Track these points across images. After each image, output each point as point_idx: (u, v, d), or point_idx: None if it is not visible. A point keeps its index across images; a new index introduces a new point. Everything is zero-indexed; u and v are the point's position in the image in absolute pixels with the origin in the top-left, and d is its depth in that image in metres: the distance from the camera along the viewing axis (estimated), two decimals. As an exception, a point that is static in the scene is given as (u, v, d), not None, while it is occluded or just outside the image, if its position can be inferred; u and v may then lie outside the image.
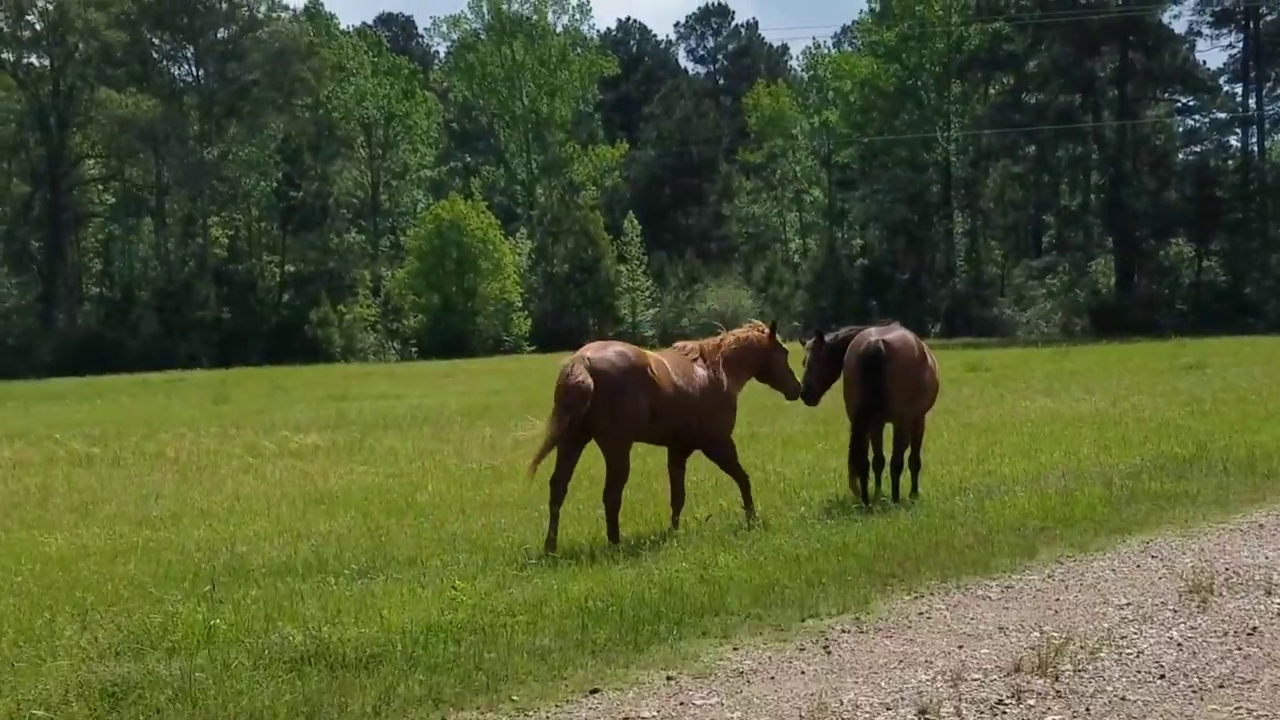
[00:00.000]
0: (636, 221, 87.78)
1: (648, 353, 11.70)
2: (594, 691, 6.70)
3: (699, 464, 15.12)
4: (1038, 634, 7.62)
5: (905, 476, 13.17)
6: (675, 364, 11.69)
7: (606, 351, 11.10)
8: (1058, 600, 8.56)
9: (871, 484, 13.16)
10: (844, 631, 7.86)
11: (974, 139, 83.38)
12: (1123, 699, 6.27)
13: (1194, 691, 6.31)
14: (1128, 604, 8.33)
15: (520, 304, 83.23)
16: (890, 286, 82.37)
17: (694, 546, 10.33)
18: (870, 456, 13.11)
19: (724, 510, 12.26)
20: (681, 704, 6.50)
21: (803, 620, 8.16)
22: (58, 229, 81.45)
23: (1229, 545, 10.30)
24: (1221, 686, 6.40)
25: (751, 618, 8.20)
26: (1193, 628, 7.64)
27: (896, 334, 13.05)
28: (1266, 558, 9.72)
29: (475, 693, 6.67)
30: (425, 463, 18.07)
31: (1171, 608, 8.18)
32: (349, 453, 19.99)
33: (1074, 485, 13.11)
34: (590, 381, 10.70)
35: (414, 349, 79.99)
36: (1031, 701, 6.23)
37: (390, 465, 18.02)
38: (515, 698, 6.63)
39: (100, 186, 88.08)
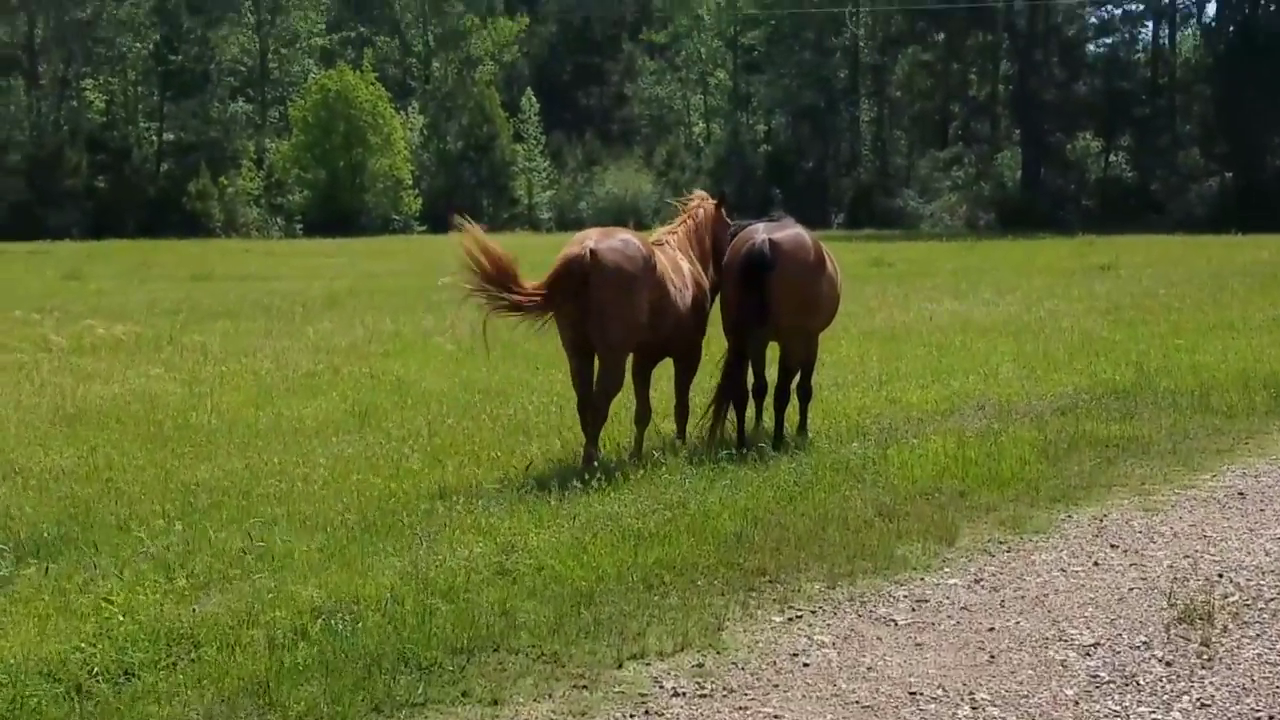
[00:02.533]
0: (534, 99, 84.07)
1: (651, 244, 9.92)
2: None
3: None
4: (968, 710, 5.05)
5: (792, 409, 10.61)
6: (667, 258, 10.00)
7: (613, 239, 9.49)
8: (991, 632, 5.95)
9: (750, 419, 10.62)
10: (675, 695, 5.20)
11: (883, 23, 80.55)
12: None
13: None
14: (1095, 644, 5.72)
15: (411, 182, 79.35)
16: (794, 174, 79.84)
17: (505, 513, 7.67)
18: (751, 384, 10.56)
19: (546, 456, 9.64)
20: None
21: (619, 666, 5.47)
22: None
23: (1209, 527, 7.78)
24: None
25: (544, 660, 5.52)
26: (1204, 705, 5.06)
27: (789, 232, 10.40)
28: (1267, 553, 7.21)
29: None
30: (234, 365, 15.24)
31: (1160, 656, 5.53)
32: (154, 349, 17.06)
33: (997, 425, 10.62)
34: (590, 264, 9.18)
35: (299, 226, 76.10)
36: None
37: (192, 368, 15.16)
38: None
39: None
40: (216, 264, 41.08)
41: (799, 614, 6.16)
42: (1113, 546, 7.32)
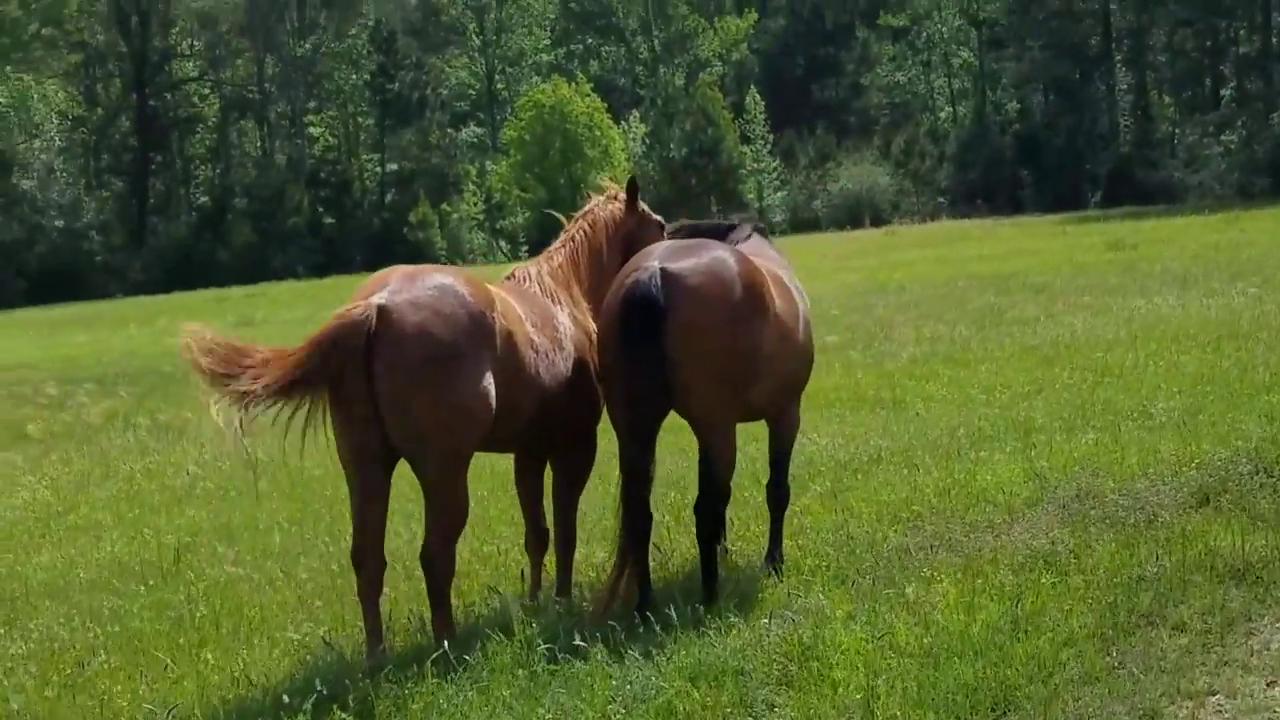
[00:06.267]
0: (759, 97, 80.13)
1: (491, 287, 6.34)
2: None
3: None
4: None
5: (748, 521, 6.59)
6: (526, 307, 6.47)
7: (419, 286, 5.93)
8: None
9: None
10: None
11: (1136, -20, 73.55)
12: None
13: None
14: None
15: (635, 193, 76.43)
16: (1044, 153, 73.48)
17: None
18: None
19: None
20: None
21: None
22: (146, 134, 77.24)
23: None
24: None
25: None
26: None
27: (702, 258, 6.30)
28: None
29: None
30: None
31: None
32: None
33: (1074, 538, 6.33)
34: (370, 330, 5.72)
35: (524, 248, 74.14)
36: None
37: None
38: None
39: (207, 90, 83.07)
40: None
41: None
42: None
